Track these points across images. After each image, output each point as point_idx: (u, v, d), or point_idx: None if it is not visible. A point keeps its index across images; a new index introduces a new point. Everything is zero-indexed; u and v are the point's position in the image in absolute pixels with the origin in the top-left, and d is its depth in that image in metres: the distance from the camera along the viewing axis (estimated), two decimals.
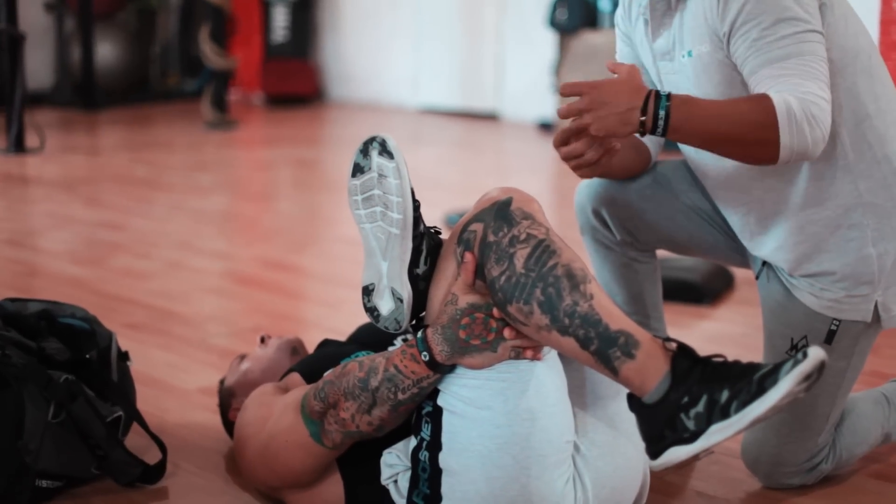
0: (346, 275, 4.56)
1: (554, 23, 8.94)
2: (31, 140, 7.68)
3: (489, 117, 10.25)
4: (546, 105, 9.52)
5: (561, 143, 2.31)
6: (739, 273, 4.37)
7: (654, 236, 2.71)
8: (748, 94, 2.28)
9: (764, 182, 2.41)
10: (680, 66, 2.41)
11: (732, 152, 2.25)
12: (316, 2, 11.93)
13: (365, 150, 2.14)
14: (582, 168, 2.36)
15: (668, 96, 2.17)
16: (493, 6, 10.22)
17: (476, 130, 9.66)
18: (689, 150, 2.51)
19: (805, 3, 2.23)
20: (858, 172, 2.36)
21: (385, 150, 2.10)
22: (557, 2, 8.94)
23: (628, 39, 2.64)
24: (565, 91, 2.21)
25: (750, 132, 2.17)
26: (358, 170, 2.16)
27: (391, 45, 11.31)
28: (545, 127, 9.31)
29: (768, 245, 2.48)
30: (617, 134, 2.20)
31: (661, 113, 2.17)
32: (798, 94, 2.16)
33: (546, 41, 9.47)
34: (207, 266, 4.84)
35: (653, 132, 2.19)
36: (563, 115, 2.23)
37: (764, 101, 2.16)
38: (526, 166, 7.80)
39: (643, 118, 2.17)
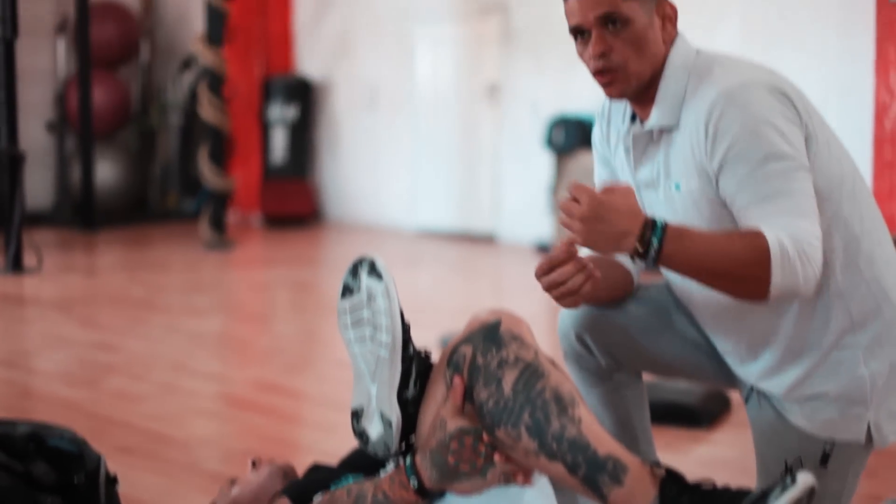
0: (341, 398, 4.52)
1: (551, 144, 9.02)
2: (28, 259, 7.69)
3: (486, 239, 10.29)
4: (543, 227, 9.57)
5: (544, 272, 2.30)
6: (737, 395, 4.34)
7: (638, 361, 2.68)
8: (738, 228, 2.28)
9: (755, 311, 2.40)
10: (666, 197, 2.42)
11: (721, 286, 2.25)
12: (314, 123, 12.05)
13: (354, 272, 2.14)
14: (565, 297, 2.34)
15: (664, 227, 2.17)
16: (489, 128, 10.33)
17: (473, 252, 9.69)
18: (674, 278, 2.51)
19: (792, 139, 2.25)
20: (850, 296, 2.36)
21: (374, 272, 2.11)
22: (554, 123, 9.04)
23: (607, 164, 2.66)
24: (573, 190, 2.20)
25: (742, 269, 2.18)
26: (347, 291, 2.16)
27: (389, 167, 11.41)
28: (542, 249, 9.34)
29: (759, 371, 2.47)
30: (602, 251, 2.20)
31: (654, 243, 2.16)
32: (790, 232, 2.17)
33: (542, 162, 9.56)
34: (201, 388, 4.81)
35: (643, 259, 2.19)
36: (563, 211, 2.20)
37: (758, 238, 2.16)
38: (523, 288, 7.80)
39: (635, 246, 2.17)
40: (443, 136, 10.81)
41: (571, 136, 8.94)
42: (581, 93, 9.31)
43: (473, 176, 10.56)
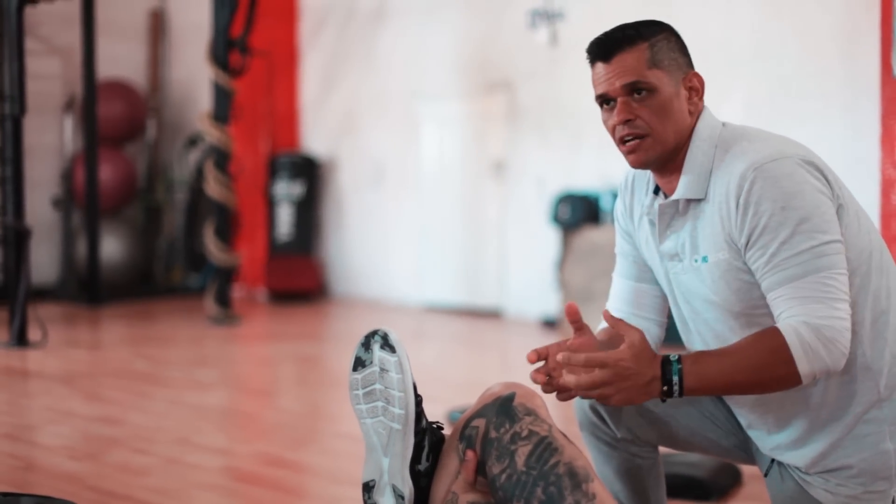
0: (347, 472, 4.48)
1: (557, 219, 9.05)
2: (33, 334, 7.68)
3: (492, 314, 10.27)
4: (549, 302, 9.55)
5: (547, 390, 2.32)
6: (747, 468, 4.30)
7: (654, 434, 2.67)
8: (762, 297, 2.30)
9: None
10: (692, 268, 2.42)
11: (755, 391, 2.27)
12: (320, 200, 12.10)
13: (367, 344, 2.13)
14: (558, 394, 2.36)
15: (679, 359, 2.18)
16: (495, 203, 10.36)
17: (479, 327, 9.66)
18: (696, 348, 2.50)
19: (824, 211, 2.25)
20: (877, 369, 2.34)
21: (387, 344, 2.09)
22: (560, 199, 9.07)
23: (629, 237, 2.66)
24: (589, 364, 2.20)
25: (766, 373, 2.19)
26: (359, 364, 2.14)
27: (394, 242, 11.43)
28: (549, 324, 9.31)
29: (783, 443, 2.45)
30: (636, 402, 2.22)
31: (675, 378, 2.18)
32: (811, 320, 2.17)
33: (548, 238, 9.58)
34: (206, 462, 4.77)
35: (670, 396, 2.20)
36: (587, 386, 2.20)
37: (774, 338, 2.18)
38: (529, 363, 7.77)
39: (664, 387, 2.19)
40: (449, 211, 10.84)
41: (577, 211, 8.96)
42: (586, 169, 9.37)
43: (479, 251, 10.57)
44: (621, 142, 2.43)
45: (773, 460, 2.52)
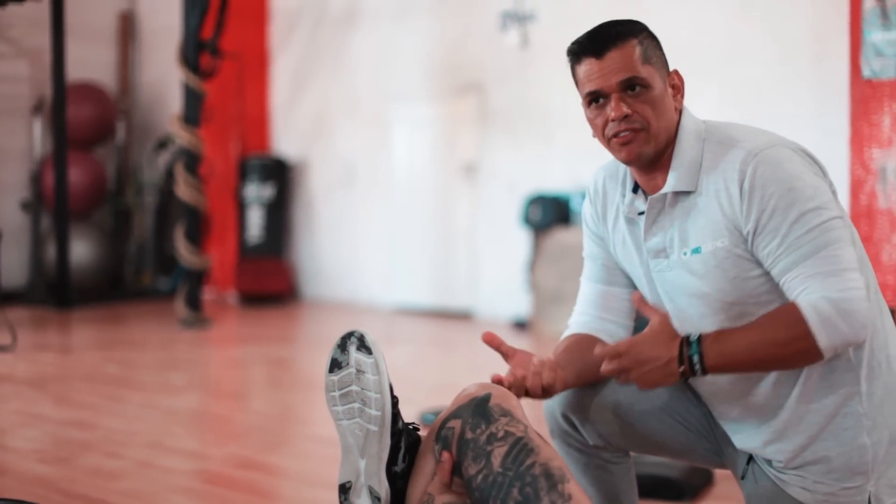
0: (320, 474, 4.48)
1: (528, 221, 9.06)
2: (2, 338, 7.63)
3: (463, 315, 10.28)
4: (520, 303, 9.57)
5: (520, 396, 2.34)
6: (719, 470, 4.32)
7: (626, 440, 2.67)
8: (758, 286, 2.33)
9: (766, 380, 2.41)
10: (680, 263, 2.43)
11: (774, 367, 2.30)
12: (291, 202, 12.08)
13: (343, 346, 2.13)
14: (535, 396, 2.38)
15: (699, 339, 2.19)
16: (466, 205, 10.37)
17: (450, 329, 9.67)
18: None
19: (822, 191, 2.30)
20: (857, 362, 2.37)
21: (363, 346, 2.09)
22: (531, 201, 9.09)
23: (600, 241, 2.66)
24: (603, 356, 2.22)
25: (786, 349, 2.21)
26: (335, 365, 2.14)
27: (365, 245, 11.42)
28: (520, 325, 9.32)
29: (764, 438, 2.46)
30: (664, 384, 2.25)
31: (695, 358, 2.20)
32: (827, 294, 2.20)
33: (519, 239, 9.59)
34: (178, 465, 4.75)
35: (692, 375, 2.22)
36: (610, 375, 2.24)
37: (792, 313, 2.20)
38: (500, 364, 7.76)
39: (682, 367, 2.21)
40: (420, 213, 10.84)
41: (548, 213, 8.98)
42: (557, 171, 9.39)
43: (450, 253, 10.57)
44: (615, 136, 2.42)
45: (748, 462, 2.53)
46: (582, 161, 9.15)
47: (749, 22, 8.39)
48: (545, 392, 2.38)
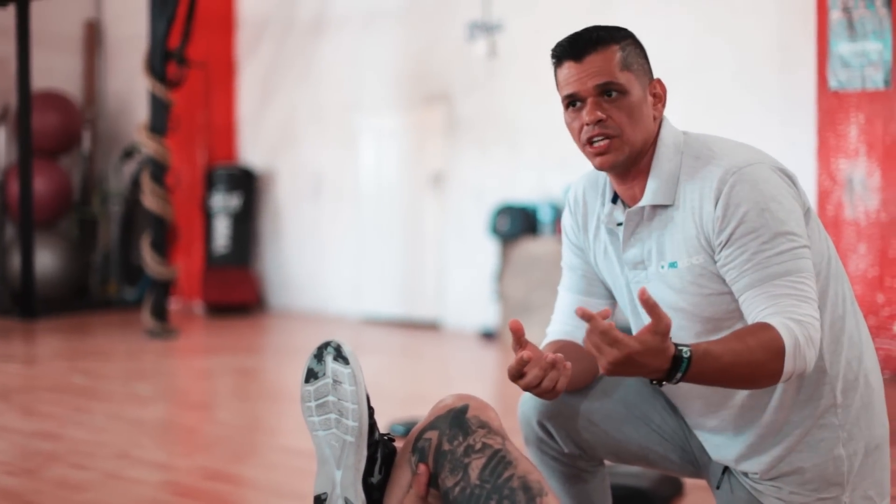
0: (289, 485, 4.45)
1: (495, 231, 9.07)
2: None
3: (430, 326, 10.27)
4: (488, 314, 9.56)
5: (516, 376, 2.27)
6: (689, 480, 4.32)
7: (602, 449, 2.66)
8: (733, 302, 2.32)
9: (740, 394, 2.41)
10: (657, 275, 2.42)
11: (738, 386, 2.27)
12: (257, 212, 12.04)
13: (319, 356, 2.11)
14: (544, 395, 2.32)
15: (690, 359, 2.13)
16: (433, 215, 10.36)
17: (418, 339, 9.65)
18: None
19: (796, 216, 2.29)
20: (833, 374, 2.37)
21: (340, 356, 2.08)
22: (499, 211, 9.09)
23: (580, 251, 2.65)
24: (607, 336, 2.14)
25: (760, 370, 2.18)
26: (312, 375, 2.12)
27: (332, 255, 11.40)
28: (487, 336, 9.32)
29: (740, 450, 2.46)
30: (625, 375, 2.17)
31: (679, 375, 2.14)
32: (797, 318, 2.19)
33: (487, 249, 9.59)
34: (146, 477, 4.71)
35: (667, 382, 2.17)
36: (593, 346, 2.15)
37: (770, 333, 2.17)
38: (468, 375, 7.77)
39: (661, 378, 2.15)
40: (387, 224, 10.83)
41: (516, 223, 8.99)
42: (525, 181, 9.41)
43: (418, 263, 10.56)
44: (589, 142, 2.41)
45: (724, 472, 2.53)
46: (550, 171, 9.17)
47: (716, 32, 8.43)
48: (553, 390, 2.31)
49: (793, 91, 7.78)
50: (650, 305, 2.11)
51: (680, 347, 2.13)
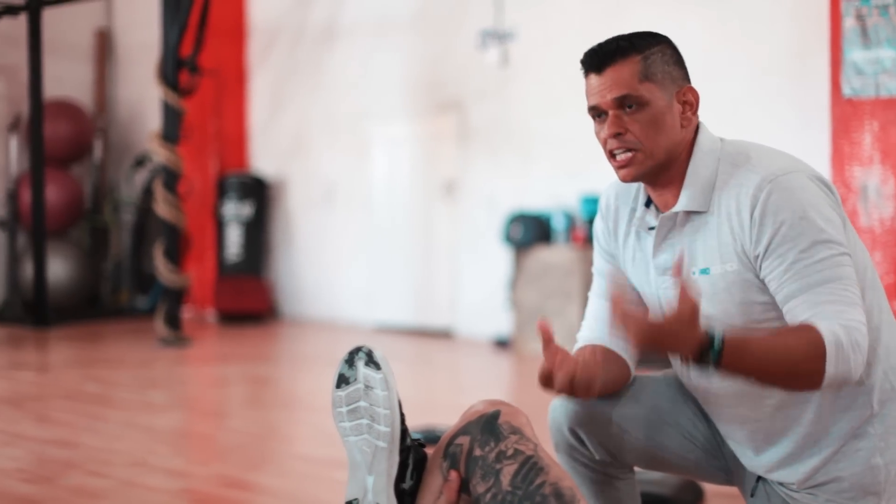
0: (307, 493, 4.45)
1: (508, 239, 9.06)
2: None
3: (443, 334, 10.26)
4: (501, 322, 9.55)
5: (546, 382, 2.27)
6: (711, 486, 4.31)
7: (633, 456, 2.64)
8: (764, 312, 2.30)
9: (776, 399, 2.39)
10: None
11: (775, 384, 2.24)
12: (269, 220, 12.05)
13: (350, 361, 2.11)
14: (581, 395, 2.31)
15: (722, 347, 2.12)
16: (446, 223, 10.36)
17: (430, 347, 9.65)
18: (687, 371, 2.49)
19: (835, 225, 2.27)
20: (871, 384, 2.36)
21: (371, 361, 2.07)
22: (512, 219, 9.09)
23: (611, 257, 2.63)
24: (627, 320, 2.14)
25: (798, 367, 2.16)
26: (343, 381, 2.12)
27: (345, 263, 11.40)
28: (501, 344, 9.31)
29: (774, 460, 2.44)
30: (654, 349, 2.16)
31: (711, 354, 2.12)
32: (843, 322, 2.17)
33: (500, 257, 9.58)
34: (163, 484, 4.71)
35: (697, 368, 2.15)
36: (622, 321, 2.16)
37: (812, 333, 2.15)
38: (482, 383, 7.76)
39: (690, 362, 2.14)
40: (400, 232, 10.83)
41: (529, 231, 8.98)
42: (538, 189, 9.40)
43: (431, 272, 10.56)
44: (611, 156, 2.41)
45: (758, 479, 2.52)
46: (562, 180, 9.16)
47: (729, 39, 8.43)
48: (587, 387, 2.30)
49: (806, 99, 7.77)
50: (684, 286, 2.10)
51: (710, 334, 2.12)
